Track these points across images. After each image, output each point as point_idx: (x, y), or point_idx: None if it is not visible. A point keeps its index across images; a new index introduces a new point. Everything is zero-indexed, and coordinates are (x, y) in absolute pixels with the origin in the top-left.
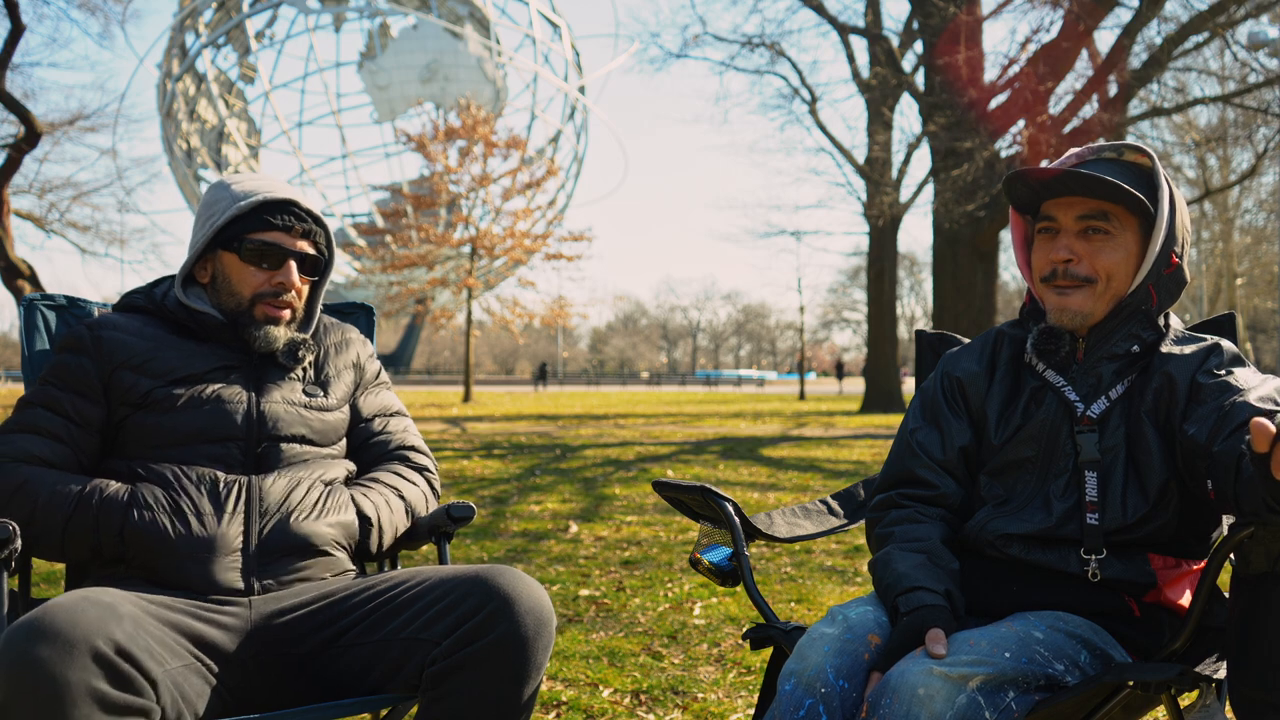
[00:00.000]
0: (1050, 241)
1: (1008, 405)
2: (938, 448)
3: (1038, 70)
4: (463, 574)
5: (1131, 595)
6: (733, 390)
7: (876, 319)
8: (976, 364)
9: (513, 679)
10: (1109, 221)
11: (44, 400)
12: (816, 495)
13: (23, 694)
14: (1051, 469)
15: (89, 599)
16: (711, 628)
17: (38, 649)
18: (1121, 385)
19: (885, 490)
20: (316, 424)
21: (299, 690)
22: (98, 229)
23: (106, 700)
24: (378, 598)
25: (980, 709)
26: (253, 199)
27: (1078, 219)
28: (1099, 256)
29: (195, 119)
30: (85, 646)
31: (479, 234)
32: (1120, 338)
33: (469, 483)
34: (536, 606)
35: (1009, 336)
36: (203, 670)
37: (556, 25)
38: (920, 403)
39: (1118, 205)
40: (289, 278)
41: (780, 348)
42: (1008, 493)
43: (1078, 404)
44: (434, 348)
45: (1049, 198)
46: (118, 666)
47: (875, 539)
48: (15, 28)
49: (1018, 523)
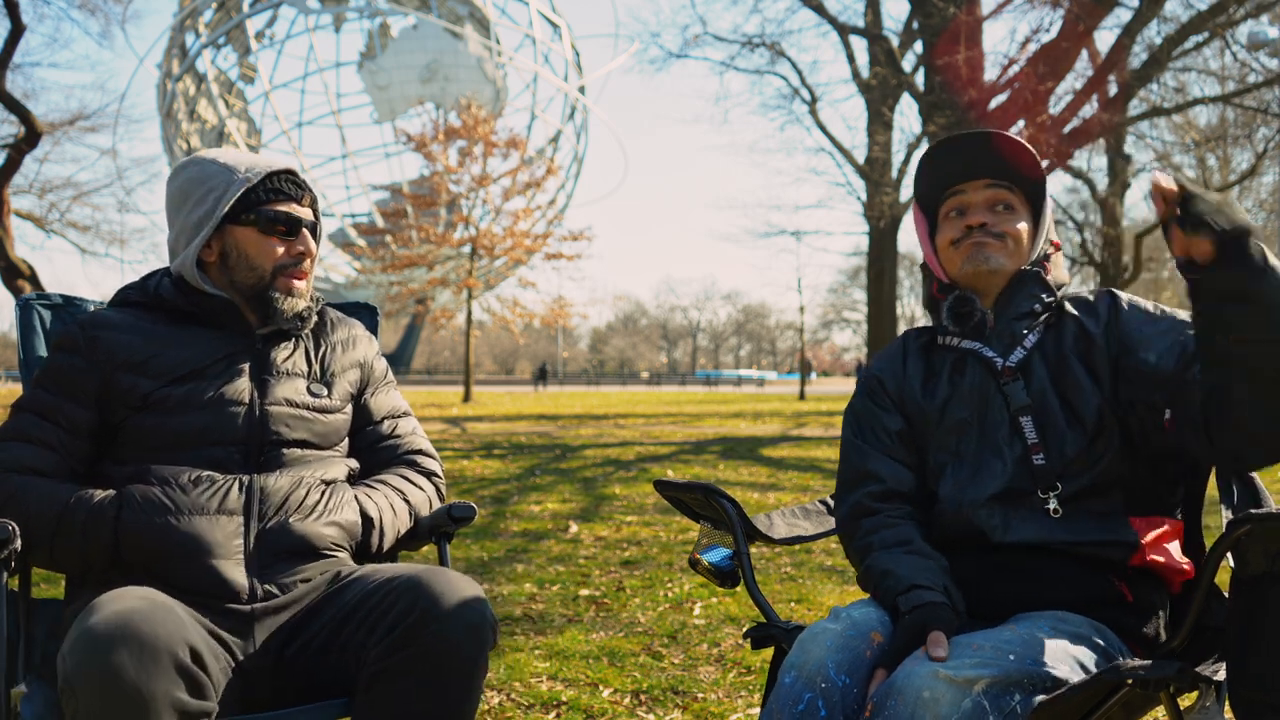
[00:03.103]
0: (959, 219)
1: (927, 381)
2: (876, 441)
3: (1037, 70)
4: (400, 575)
5: (1118, 571)
6: (733, 390)
7: (876, 319)
8: (889, 360)
9: (439, 693)
10: (1013, 194)
11: (35, 406)
12: (816, 495)
13: (107, 703)
14: (988, 425)
15: (153, 602)
16: (711, 628)
17: (121, 656)
18: (1033, 335)
19: (844, 498)
20: (319, 427)
21: (292, 691)
22: (98, 229)
23: (185, 708)
24: (337, 601)
25: (985, 713)
26: (258, 171)
27: (986, 190)
28: (1009, 226)
29: (195, 119)
30: (168, 657)
31: (479, 234)
32: (1022, 298)
33: (469, 483)
34: (467, 612)
35: (916, 334)
36: (226, 669)
37: (556, 25)
38: (850, 412)
39: (1016, 189)
40: (308, 245)
41: (780, 348)
42: (958, 460)
43: (996, 359)
44: (434, 348)
45: (955, 184)
46: (193, 674)
47: (855, 552)
48: (15, 28)
49: (979, 485)
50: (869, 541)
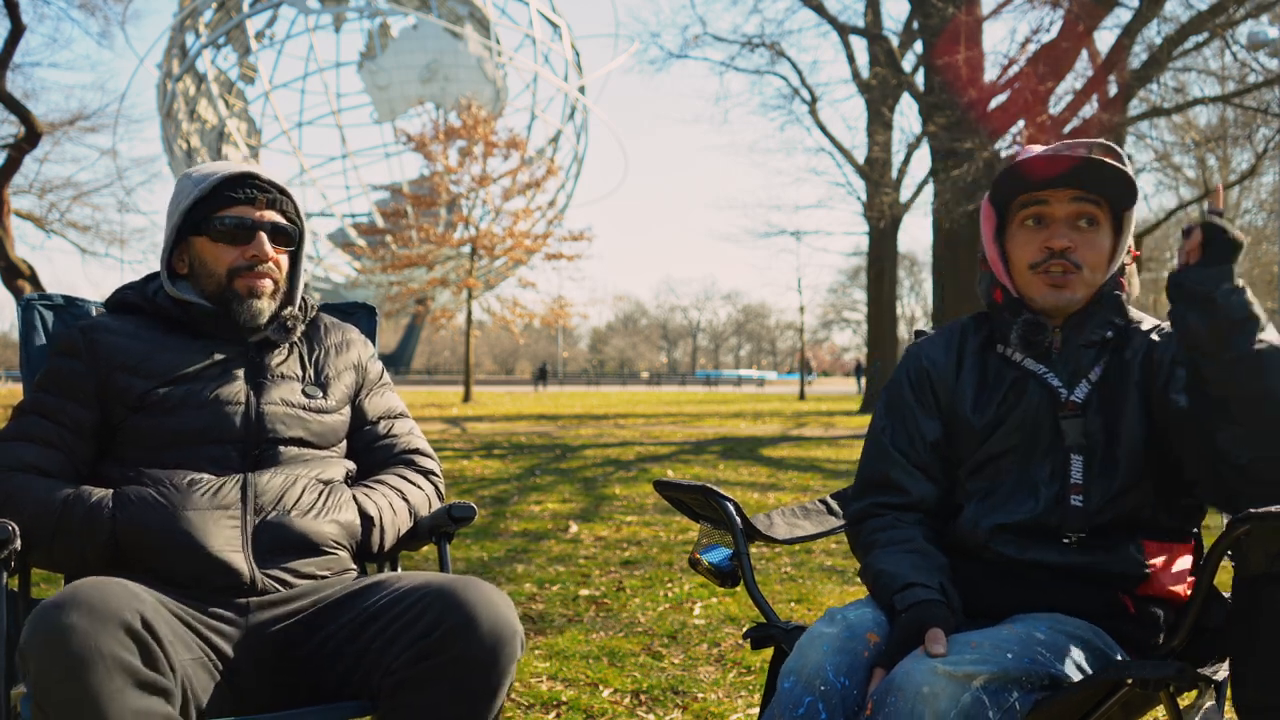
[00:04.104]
0: (1039, 230)
1: (980, 393)
2: (908, 446)
3: (1037, 70)
4: (431, 584)
5: (1124, 590)
6: (733, 390)
7: (876, 319)
8: (944, 354)
9: (468, 700)
10: (1099, 209)
11: (37, 408)
12: (816, 495)
13: (55, 661)
14: (1034, 456)
15: (113, 580)
16: (711, 628)
17: (70, 618)
18: (1098, 368)
19: (860, 498)
20: (315, 426)
21: (295, 692)
22: (98, 229)
23: (136, 674)
24: (359, 602)
25: (984, 707)
26: (211, 179)
27: (1072, 203)
28: (1090, 248)
29: (195, 119)
30: (116, 619)
31: (479, 234)
32: (1095, 324)
33: (469, 483)
34: (496, 625)
35: (974, 329)
36: (209, 666)
37: (556, 25)
38: (888, 400)
39: (1104, 200)
40: (261, 249)
41: (780, 348)
42: (991, 485)
43: (1061, 390)
44: (434, 348)
45: (1042, 189)
46: (147, 643)
47: (859, 548)
48: (15, 28)
49: (1005, 513)
50: (874, 539)
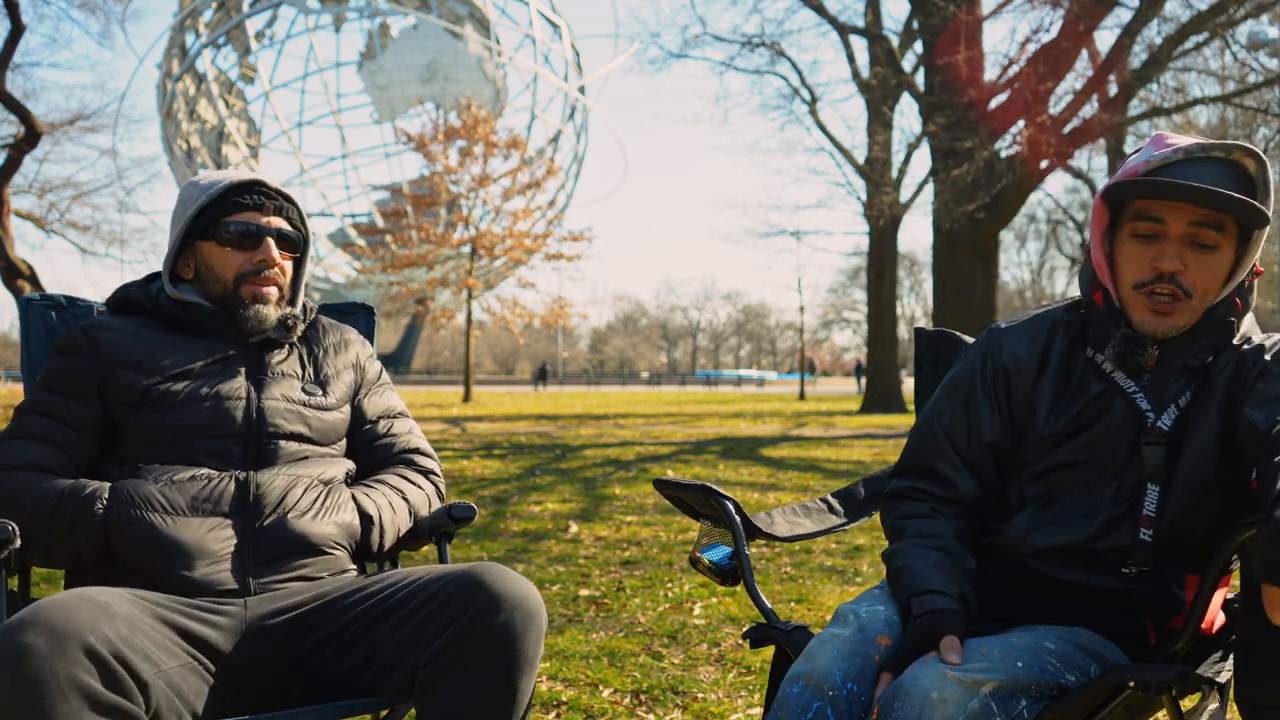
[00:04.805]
0: (1150, 245)
1: (1058, 402)
2: (963, 439)
3: (1038, 70)
4: (451, 573)
5: (1157, 621)
6: (733, 390)
7: (876, 319)
8: (1028, 351)
9: (505, 675)
10: (1220, 232)
11: (39, 406)
12: (816, 495)
13: (10, 683)
14: (1103, 476)
15: (83, 596)
16: (711, 628)
17: (27, 639)
18: (1188, 394)
19: (902, 476)
20: (315, 423)
21: (296, 691)
22: (98, 229)
23: (95, 698)
24: (370, 599)
25: (993, 714)
26: (219, 185)
27: (1190, 225)
28: (1203, 271)
29: (195, 119)
30: (77, 641)
31: (479, 234)
32: (1197, 350)
33: (469, 483)
34: (524, 601)
35: (1064, 325)
36: (200, 670)
37: (556, 25)
38: (952, 386)
39: (1229, 215)
40: (269, 254)
41: (780, 348)
42: (1050, 495)
43: (1149, 414)
44: (434, 348)
45: (1160, 198)
46: (109, 665)
47: (889, 528)
48: (15, 28)
49: (1058, 532)
50: (904, 525)
